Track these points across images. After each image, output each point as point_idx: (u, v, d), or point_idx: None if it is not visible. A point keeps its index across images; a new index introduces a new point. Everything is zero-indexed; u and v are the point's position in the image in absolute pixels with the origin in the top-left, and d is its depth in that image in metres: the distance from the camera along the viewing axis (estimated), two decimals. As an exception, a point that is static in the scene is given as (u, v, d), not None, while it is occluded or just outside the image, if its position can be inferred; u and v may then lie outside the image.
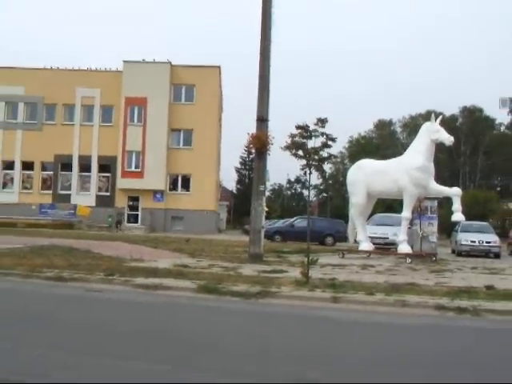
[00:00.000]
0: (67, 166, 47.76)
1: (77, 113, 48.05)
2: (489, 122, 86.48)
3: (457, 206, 21.89)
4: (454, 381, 5.73)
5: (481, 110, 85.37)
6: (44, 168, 48.20)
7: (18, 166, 47.99)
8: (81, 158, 47.53)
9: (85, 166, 47.83)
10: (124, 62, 47.15)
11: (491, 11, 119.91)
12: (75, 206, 44.93)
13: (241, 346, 7.21)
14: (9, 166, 48.11)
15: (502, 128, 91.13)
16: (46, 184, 48.22)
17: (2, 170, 48.19)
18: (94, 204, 46.61)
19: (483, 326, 9.11)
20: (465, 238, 27.65)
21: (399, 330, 8.75)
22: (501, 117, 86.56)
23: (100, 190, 48.16)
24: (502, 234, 33.92)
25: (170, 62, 47.43)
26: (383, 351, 7.14)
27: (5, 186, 48.22)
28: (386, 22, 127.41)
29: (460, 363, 6.55)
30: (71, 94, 47.06)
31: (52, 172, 48.03)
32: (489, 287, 12.61)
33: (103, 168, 47.97)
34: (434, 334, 8.61)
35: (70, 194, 47.51)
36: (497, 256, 26.66)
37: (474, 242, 27.34)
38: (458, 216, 22.07)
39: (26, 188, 48.14)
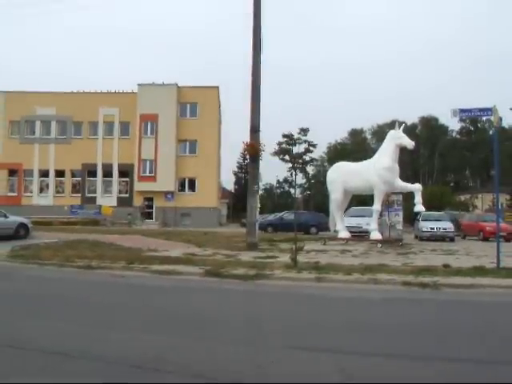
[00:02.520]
0: (93, 173, 47.77)
1: (100, 128, 48.04)
2: (443, 129, 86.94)
3: (418, 199, 21.98)
4: (413, 341, 5.75)
5: (436, 119, 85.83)
6: (73, 175, 48.12)
7: (51, 174, 47.88)
8: (104, 165, 47.51)
9: (107, 173, 47.81)
10: (138, 85, 47.28)
11: (448, 37, 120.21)
12: (100, 207, 44.98)
13: (240, 318, 7.22)
14: (44, 174, 47.95)
15: (454, 134, 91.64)
16: (76, 188, 48.15)
17: (39, 178, 48.07)
18: (115, 204, 46.55)
19: (442, 297, 9.13)
20: (425, 226, 27.69)
21: (372, 303, 8.75)
22: (452, 125, 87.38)
23: (120, 192, 48.13)
24: (456, 222, 33.93)
25: (177, 84, 47.49)
26: (358, 321, 7.14)
27: (41, 191, 48.11)
28: (359, 44, 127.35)
29: (420, 329, 6.56)
30: (95, 112, 47.07)
31: (80, 178, 47.95)
32: (446, 266, 12.66)
33: (123, 174, 47.94)
34: (402, 305, 8.63)
35: (95, 197, 47.50)
36: (451, 240, 26.71)
37: (433, 228, 27.37)
38: (419, 207, 22.18)
39: (58, 192, 48.06)
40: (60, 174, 47.88)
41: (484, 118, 54.92)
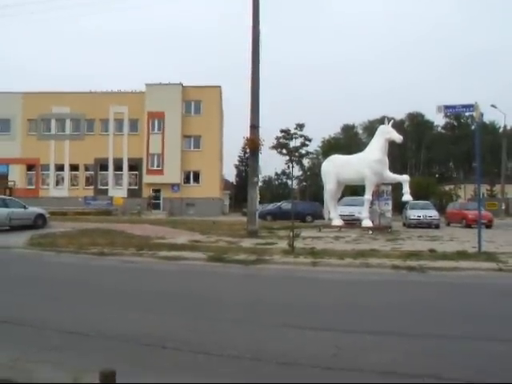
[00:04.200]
0: (104, 167, 47.79)
1: (110, 125, 48.00)
2: (429, 125, 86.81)
3: (406, 189, 22.04)
4: (402, 320, 5.79)
5: (422, 115, 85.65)
6: (87, 169, 48.15)
7: (66, 168, 47.93)
8: (115, 160, 47.52)
9: (118, 167, 47.85)
10: (146, 84, 47.21)
11: (433, 37, 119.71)
12: (111, 198, 45.21)
13: (241, 300, 7.26)
14: (60, 168, 48.01)
15: (439, 129, 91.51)
16: (89, 181, 48.20)
17: (55, 172, 48.14)
18: (126, 195, 46.66)
19: (428, 279, 9.17)
20: (413, 214, 27.70)
21: (364, 285, 8.79)
22: (438, 120, 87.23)
23: (130, 184, 48.18)
24: (441, 210, 34.00)
25: (182, 84, 47.41)
26: (351, 301, 7.18)
27: (57, 183, 48.20)
28: (352, 43, 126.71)
29: (408, 309, 6.60)
30: (106, 110, 47.02)
31: (93, 172, 47.99)
32: (431, 250, 12.71)
33: (132, 167, 47.96)
34: (391, 287, 8.67)
35: (107, 189, 47.57)
36: (437, 227, 26.73)
37: (420, 216, 27.38)
38: (407, 197, 22.21)
39: (73, 185, 48.11)
40: (74, 168, 47.93)
41: (467, 114, 54.79)
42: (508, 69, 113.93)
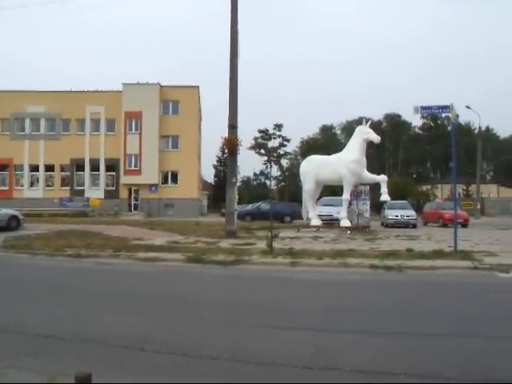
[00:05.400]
0: (81, 167, 47.25)
1: (87, 125, 47.48)
2: (406, 125, 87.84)
3: (384, 189, 22.29)
4: (380, 319, 5.85)
5: (400, 116, 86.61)
6: (62, 169, 47.52)
7: (41, 168, 47.24)
8: (91, 160, 47.03)
9: (94, 167, 47.35)
10: (123, 84, 46.83)
11: (409, 41, 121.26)
12: (88, 199, 44.65)
13: (220, 300, 7.23)
14: (34, 168, 47.30)
15: (416, 129, 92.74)
16: (65, 182, 47.61)
17: (30, 172, 47.39)
18: (102, 197, 46.17)
19: (405, 278, 9.28)
20: (390, 214, 28.01)
21: (342, 285, 8.85)
22: (415, 121, 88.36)
23: (107, 185, 47.72)
24: (418, 210, 34.46)
25: (159, 84, 47.20)
26: (330, 301, 7.23)
27: (32, 184, 47.48)
28: (330, 44, 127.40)
29: (386, 307, 6.67)
30: (82, 110, 46.47)
31: (69, 172, 47.41)
32: (408, 250, 12.83)
33: (109, 168, 47.51)
34: (369, 286, 8.74)
35: (83, 190, 47.04)
36: (414, 226, 27.07)
37: (398, 216, 27.70)
38: (384, 197, 22.47)
39: (48, 186, 47.45)
40: (49, 168, 47.24)
41: (443, 115, 55.62)
42: (483, 71, 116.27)
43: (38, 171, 47.38)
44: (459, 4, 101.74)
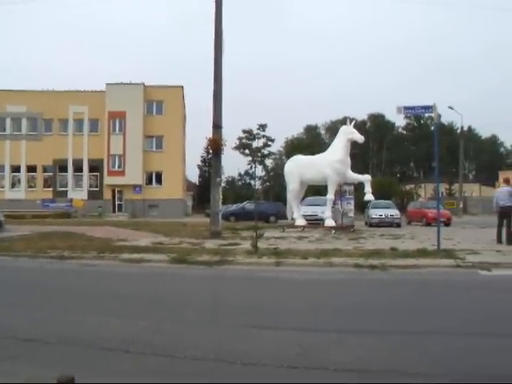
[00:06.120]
0: (64, 168, 46.92)
1: (70, 125, 47.17)
2: (389, 125, 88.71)
3: (368, 188, 22.42)
4: (364, 318, 5.89)
5: (383, 116, 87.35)
6: (45, 170, 47.15)
7: (23, 169, 46.83)
8: (74, 161, 46.70)
9: (78, 168, 47.05)
10: (107, 84, 46.59)
11: (392, 42, 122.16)
12: (71, 200, 44.33)
13: (204, 301, 7.22)
14: (16, 169, 46.85)
15: (400, 129, 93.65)
16: (47, 183, 47.24)
17: (11, 173, 46.89)
18: (86, 197, 45.89)
19: (389, 277, 9.35)
20: (374, 213, 28.18)
21: (327, 284, 8.88)
22: (398, 121, 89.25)
23: (91, 186, 47.46)
24: (402, 209, 34.77)
25: (143, 83, 47.03)
26: (315, 300, 7.25)
27: (14, 185, 47.00)
28: (315, 44, 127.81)
29: (370, 306, 6.71)
30: (65, 110, 46.11)
31: (51, 173, 47.06)
32: (392, 249, 12.93)
33: (93, 168, 47.24)
34: (354, 285, 8.79)
35: (66, 190, 46.70)
36: (398, 225, 27.28)
37: (382, 215, 27.89)
38: (369, 196, 22.60)
39: (30, 187, 47.00)
40: (32, 169, 46.79)
41: (426, 115, 56.17)
42: (464, 73, 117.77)
43: (19, 172, 46.90)
44: (447, 8, 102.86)
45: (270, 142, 73.12)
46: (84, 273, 10.48)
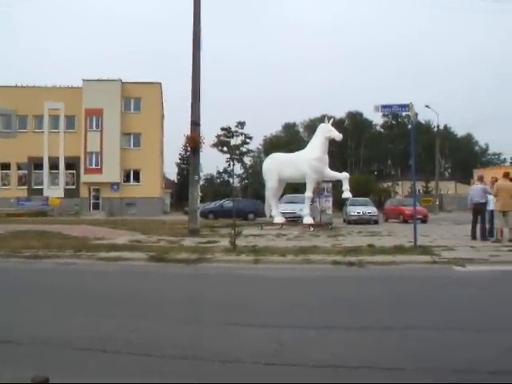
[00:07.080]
0: (39, 166, 46.15)
1: (45, 122, 46.38)
2: (367, 123, 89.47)
3: (346, 186, 22.57)
4: (342, 314, 5.94)
5: (361, 114, 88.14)
6: (19, 168, 46.35)
7: (-4, 167, 45.89)
8: (50, 158, 45.98)
9: (54, 165, 46.35)
10: (83, 80, 45.99)
11: (371, 41, 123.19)
12: (47, 198, 43.67)
13: (182, 299, 7.19)
14: (-11, 167, 45.95)
15: (377, 127, 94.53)
16: (22, 181, 46.45)
17: (-16, 171, 45.96)
18: (62, 195, 45.26)
19: (366, 274, 9.43)
20: (352, 210, 28.45)
21: (306, 282, 8.92)
22: (376, 119, 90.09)
23: (67, 184, 46.81)
24: (380, 206, 35.13)
25: (121, 80, 46.53)
26: (293, 298, 7.27)
27: (-14, 183, 46.06)
28: (294, 43, 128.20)
29: (348, 303, 6.77)
30: (40, 106, 45.27)
31: (26, 171, 46.31)
32: (370, 246, 13.07)
33: (69, 166, 46.59)
34: (332, 282, 8.85)
35: (42, 189, 45.95)
36: (376, 222, 27.59)
37: (360, 213, 28.17)
38: (346, 194, 22.76)
39: (4, 185, 46.14)
40: (5, 166, 45.93)
41: (403, 114, 56.83)
42: (442, 72, 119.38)
43: (-8, 170, 45.96)
44: (427, 10, 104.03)
45: (248, 140, 73.45)
46: (60, 272, 10.31)
